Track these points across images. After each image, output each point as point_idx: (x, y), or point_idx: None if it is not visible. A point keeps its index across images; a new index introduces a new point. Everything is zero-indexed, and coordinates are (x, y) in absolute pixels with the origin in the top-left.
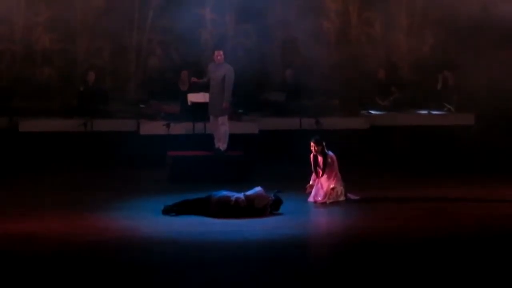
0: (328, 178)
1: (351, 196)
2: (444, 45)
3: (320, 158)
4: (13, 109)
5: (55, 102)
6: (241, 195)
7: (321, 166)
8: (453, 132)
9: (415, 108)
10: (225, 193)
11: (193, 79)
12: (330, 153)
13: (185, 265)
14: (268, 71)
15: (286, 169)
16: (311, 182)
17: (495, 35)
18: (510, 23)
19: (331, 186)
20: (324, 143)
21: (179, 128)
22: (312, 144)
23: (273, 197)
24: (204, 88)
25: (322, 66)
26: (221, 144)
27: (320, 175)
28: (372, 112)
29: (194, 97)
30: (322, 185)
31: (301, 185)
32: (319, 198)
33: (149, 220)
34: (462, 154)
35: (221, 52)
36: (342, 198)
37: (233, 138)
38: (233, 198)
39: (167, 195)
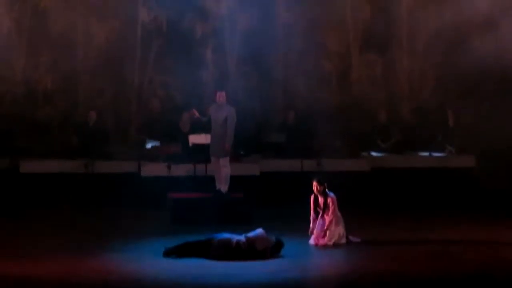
0: (329, 219)
1: (353, 239)
2: (445, 87)
3: (321, 199)
4: (14, 150)
5: (56, 143)
6: (242, 238)
7: (322, 207)
8: (454, 174)
9: (416, 150)
10: (226, 235)
11: (194, 111)
12: (331, 194)
13: None
14: (269, 112)
15: (287, 211)
16: (311, 225)
17: (495, 78)
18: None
19: (326, 228)
20: (326, 184)
21: (180, 170)
22: (314, 183)
23: (274, 240)
24: (205, 129)
25: (323, 108)
26: (222, 186)
27: (320, 216)
28: (373, 153)
29: (195, 139)
30: (323, 227)
31: (303, 228)
32: (321, 241)
33: (151, 262)
34: (463, 196)
35: (223, 93)
36: (343, 240)
37: (234, 180)
38: (234, 241)
39: (168, 237)
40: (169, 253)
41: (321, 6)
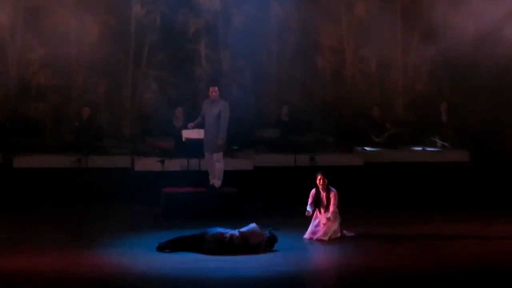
0: (328, 214)
1: (347, 233)
2: (439, 82)
3: (323, 193)
4: (8, 145)
5: (49, 138)
6: (235, 232)
7: (324, 202)
8: (448, 169)
9: (409, 144)
10: (219, 230)
11: (190, 124)
12: (334, 189)
13: None
14: (263, 108)
15: (280, 205)
16: (308, 209)
17: (489, 73)
18: (503, 60)
19: (329, 223)
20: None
21: (174, 165)
22: (319, 177)
23: (267, 234)
24: (199, 124)
25: (317, 103)
26: (216, 181)
27: (317, 211)
28: (367, 149)
29: (188, 134)
30: (320, 222)
31: (296, 222)
32: (317, 236)
33: (144, 257)
34: (457, 191)
35: (216, 88)
36: (338, 235)
37: (228, 175)
38: (227, 235)
39: (161, 232)
40: (163, 247)
41: (314, 1)
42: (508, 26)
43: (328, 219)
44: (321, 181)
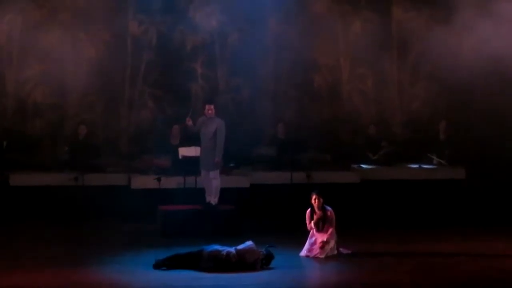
0: (325, 233)
1: (343, 250)
2: (435, 99)
3: (319, 212)
4: (4, 162)
5: (46, 156)
6: (232, 250)
7: (318, 222)
8: (445, 186)
9: (406, 162)
10: (216, 247)
11: (189, 119)
12: (330, 208)
13: None
14: (259, 126)
15: (277, 223)
16: (308, 228)
17: (484, 93)
18: (498, 80)
19: (325, 240)
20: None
21: (170, 182)
22: (314, 196)
23: (264, 252)
24: (195, 141)
25: (313, 121)
26: (212, 198)
27: (317, 229)
28: (363, 166)
29: (185, 151)
30: (316, 240)
31: (292, 239)
32: (314, 253)
33: (141, 274)
34: (453, 208)
35: (212, 106)
36: (335, 252)
37: (224, 192)
38: (224, 253)
39: (158, 249)
40: (159, 265)
41: (311, 19)
42: (500, 45)
43: (327, 243)
44: (316, 201)
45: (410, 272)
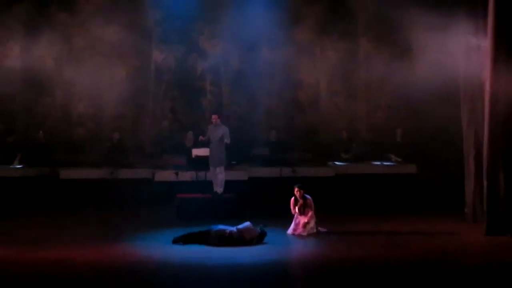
0: (306, 216)
1: (321, 229)
2: (395, 110)
3: (300, 201)
4: (54, 161)
5: (87, 155)
6: (234, 229)
7: (299, 207)
8: (400, 179)
9: (370, 160)
10: (221, 227)
11: (200, 137)
12: (309, 196)
13: (189, 283)
14: (255, 131)
15: (269, 208)
16: (293, 212)
17: (430, 103)
18: (444, 95)
19: (307, 221)
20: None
21: (185, 176)
22: (296, 189)
23: (259, 230)
24: (205, 144)
25: (298, 128)
26: (219, 189)
27: (300, 213)
28: (337, 163)
29: (197, 152)
30: (299, 222)
31: (281, 221)
32: (298, 231)
33: (162, 248)
34: (408, 196)
35: (216, 116)
36: (314, 230)
37: (228, 184)
38: (227, 231)
39: (175, 229)
40: (177, 241)
41: (296, 48)
42: (442, 72)
43: (307, 223)
44: (298, 192)
45: (373, 246)
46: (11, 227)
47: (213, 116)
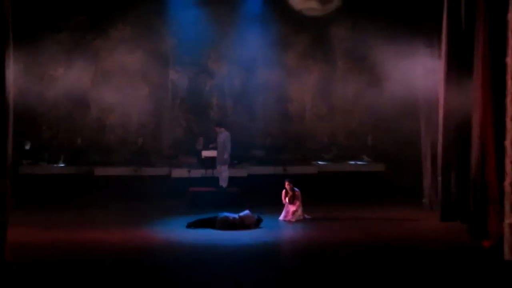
0: (294, 205)
1: (306, 216)
2: (366, 120)
3: (290, 193)
4: (90, 161)
5: (116, 157)
6: (236, 216)
7: (289, 198)
8: (372, 175)
9: (347, 160)
10: (225, 214)
11: (210, 145)
12: (297, 189)
13: (200, 260)
14: (254, 137)
15: (264, 199)
16: (284, 202)
17: (395, 114)
18: (408, 108)
19: (295, 209)
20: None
21: (196, 173)
22: (287, 183)
23: (257, 217)
24: (214, 148)
25: (288, 135)
26: (223, 183)
27: (289, 203)
28: (320, 162)
29: (206, 153)
30: (289, 210)
31: (274, 210)
32: (288, 218)
33: (177, 232)
34: (377, 189)
35: (216, 128)
36: (301, 217)
37: (231, 179)
38: (231, 218)
39: (188, 216)
40: (190, 225)
41: (287, 69)
42: (403, 89)
43: (295, 211)
44: (288, 185)
45: (348, 230)
46: (57, 215)
47: (216, 127)
